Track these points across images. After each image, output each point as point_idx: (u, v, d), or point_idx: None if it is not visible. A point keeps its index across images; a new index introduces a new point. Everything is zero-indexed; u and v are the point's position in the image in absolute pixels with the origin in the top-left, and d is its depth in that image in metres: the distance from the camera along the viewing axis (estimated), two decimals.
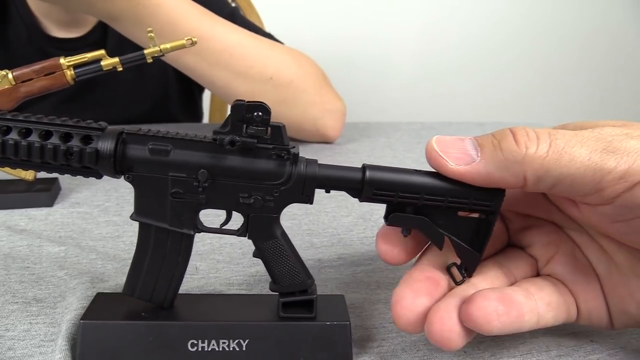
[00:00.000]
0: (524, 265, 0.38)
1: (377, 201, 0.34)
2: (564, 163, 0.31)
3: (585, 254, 0.37)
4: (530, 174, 0.31)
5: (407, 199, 0.34)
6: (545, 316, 0.35)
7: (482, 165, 0.32)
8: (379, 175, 0.34)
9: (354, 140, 0.90)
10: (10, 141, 0.32)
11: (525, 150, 0.31)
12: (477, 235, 0.35)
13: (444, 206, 0.34)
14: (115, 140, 0.33)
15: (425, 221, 0.34)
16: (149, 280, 0.36)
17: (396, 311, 0.34)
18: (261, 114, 0.32)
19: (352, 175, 0.34)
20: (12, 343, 0.37)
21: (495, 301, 0.32)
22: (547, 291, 0.35)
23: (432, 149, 0.33)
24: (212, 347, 0.34)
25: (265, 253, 0.35)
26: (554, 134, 0.31)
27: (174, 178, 0.33)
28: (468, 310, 0.32)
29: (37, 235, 0.52)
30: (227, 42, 0.76)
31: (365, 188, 0.34)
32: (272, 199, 0.34)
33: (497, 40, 2.01)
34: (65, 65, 0.57)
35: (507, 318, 0.32)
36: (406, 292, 0.34)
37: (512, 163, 0.31)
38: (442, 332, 0.32)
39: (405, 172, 0.34)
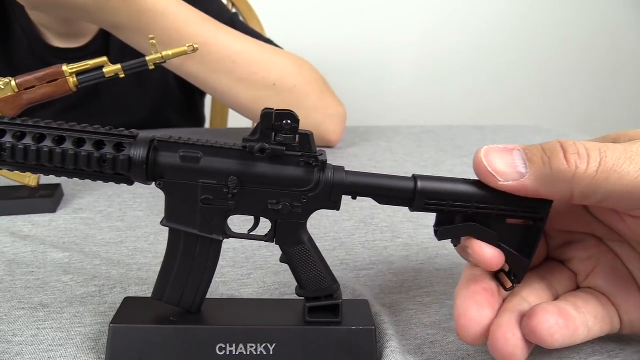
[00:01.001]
0: (565, 279, 0.38)
1: (428, 210, 0.35)
2: (613, 181, 0.31)
3: (627, 264, 0.37)
4: (578, 191, 0.32)
5: (458, 208, 0.34)
6: (593, 329, 0.35)
7: (530, 182, 0.33)
8: (431, 185, 0.35)
9: (355, 144, 0.90)
10: (45, 149, 0.33)
11: (575, 169, 0.31)
12: (525, 242, 0.35)
13: (493, 214, 0.34)
14: (147, 147, 0.33)
15: (475, 226, 0.35)
16: (177, 285, 0.36)
17: (462, 324, 0.34)
18: (290, 122, 0.33)
19: (403, 185, 0.35)
20: (20, 348, 0.37)
21: (556, 315, 0.33)
22: (592, 304, 0.36)
23: (481, 163, 0.34)
24: (240, 351, 0.35)
25: (293, 258, 0.36)
26: (604, 150, 0.32)
27: (204, 185, 0.34)
28: (531, 324, 0.33)
29: (41, 241, 0.52)
30: (230, 49, 0.77)
31: (417, 198, 0.35)
32: (300, 205, 0.35)
33: (496, 43, 2.01)
34: (67, 73, 0.57)
35: (567, 331, 0.33)
36: (470, 304, 0.34)
37: (560, 181, 0.32)
38: (506, 347, 0.33)
39: (455, 181, 0.35)
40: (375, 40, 1.89)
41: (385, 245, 0.54)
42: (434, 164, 0.80)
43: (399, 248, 0.53)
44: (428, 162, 0.82)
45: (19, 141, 0.33)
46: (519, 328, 0.33)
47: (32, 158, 0.33)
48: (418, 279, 0.47)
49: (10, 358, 0.36)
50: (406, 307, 0.43)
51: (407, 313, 0.42)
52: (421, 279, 0.47)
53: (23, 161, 0.33)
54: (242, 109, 0.83)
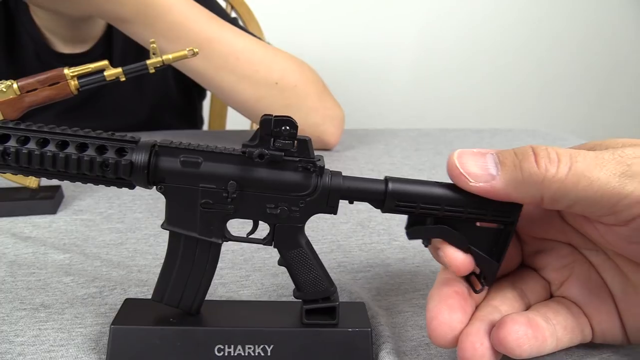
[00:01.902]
0: (538, 288, 0.39)
1: (399, 212, 0.36)
2: (582, 186, 0.31)
3: (601, 274, 0.37)
4: (548, 195, 0.32)
5: (428, 210, 0.35)
6: (562, 339, 0.36)
7: (501, 185, 0.33)
8: (401, 187, 0.35)
9: (352, 147, 0.91)
10: (48, 153, 0.33)
11: (545, 172, 0.32)
12: (495, 245, 0.36)
13: (463, 217, 0.35)
14: (148, 152, 0.34)
15: (445, 229, 0.36)
16: (177, 287, 0.37)
17: (434, 327, 0.34)
18: (289, 128, 0.33)
19: (374, 187, 0.35)
20: (22, 349, 0.38)
21: (525, 325, 0.33)
22: (563, 315, 0.36)
23: (454, 165, 0.34)
24: (238, 352, 0.36)
25: (291, 262, 0.37)
26: (575, 156, 0.32)
27: (204, 189, 0.35)
28: (500, 334, 0.33)
29: (42, 243, 0.53)
30: (234, 46, 0.77)
31: (387, 199, 0.35)
32: (298, 209, 0.35)
33: (495, 44, 2.02)
34: (69, 76, 0.58)
35: (535, 342, 0.33)
36: (442, 307, 0.35)
37: (530, 184, 0.32)
38: (474, 357, 0.33)
39: (426, 184, 0.35)
40: (373, 42, 1.90)
41: (382, 248, 0.55)
42: (431, 167, 0.81)
43: (396, 251, 0.54)
44: (425, 165, 0.82)
45: (23, 145, 0.34)
46: (488, 337, 0.34)
47: (36, 162, 0.34)
48: (414, 281, 0.48)
49: (12, 358, 0.37)
50: (402, 309, 0.44)
51: (403, 315, 0.43)
52: (417, 281, 0.48)
53: (27, 165, 0.34)
54: (243, 107, 0.83)
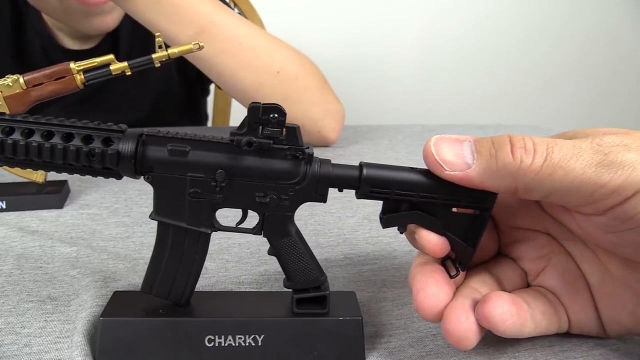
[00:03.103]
0: (515, 277, 0.39)
1: (373, 198, 0.35)
2: (557, 177, 0.31)
3: (579, 264, 0.37)
4: (522, 185, 0.32)
5: (403, 196, 0.35)
6: (540, 323, 0.36)
7: (476, 174, 0.33)
8: (375, 173, 0.35)
9: (357, 142, 0.91)
10: (33, 143, 0.33)
11: (520, 163, 0.32)
12: (470, 231, 0.36)
13: (438, 203, 0.35)
14: (135, 142, 0.34)
15: (419, 214, 0.35)
16: (166, 278, 0.37)
17: (421, 299, 0.34)
18: (277, 115, 0.33)
19: (350, 173, 0.35)
20: (29, 340, 0.38)
21: (509, 302, 0.34)
22: (540, 302, 0.36)
23: (430, 152, 0.34)
24: (228, 343, 0.36)
25: (280, 251, 0.36)
26: (551, 146, 0.32)
27: (192, 178, 0.35)
28: (485, 309, 0.33)
29: (49, 236, 0.53)
30: (237, 31, 0.77)
31: (362, 185, 0.35)
32: (287, 198, 0.35)
33: (498, 40, 2.02)
34: (75, 70, 0.58)
35: (518, 319, 0.34)
36: (428, 281, 0.35)
37: (505, 174, 0.32)
38: (459, 331, 0.33)
39: (401, 169, 0.35)
40: (375, 38, 1.90)
41: (389, 241, 0.55)
42: None
43: (402, 243, 0.54)
44: None
45: (8, 136, 0.33)
46: (473, 312, 0.34)
47: (21, 153, 0.33)
48: None
49: (19, 349, 0.37)
50: (408, 301, 0.44)
51: (409, 307, 0.43)
52: None
53: (12, 156, 0.34)
54: (243, 95, 0.82)
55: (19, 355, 0.36)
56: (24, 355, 0.36)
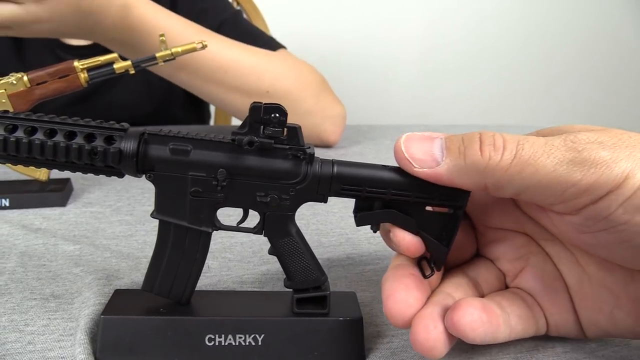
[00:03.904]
0: (492, 279, 0.38)
1: (345, 196, 0.35)
2: (527, 175, 0.31)
3: (557, 264, 0.37)
4: (490, 183, 0.32)
5: (374, 194, 0.35)
6: (516, 328, 0.35)
7: (444, 171, 0.32)
8: (346, 170, 0.35)
9: (358, 142, 0.91)
10: (36, 141, 0.33)
11: (488, 160, 0.31)
12: (445, 230, 0.35)
13: (410, 201, 0.35)
14: (137, 140, 0.34)
15: (392, 212, 0.35)
16: (167, 277, 0.37)
17: (390, 305, 0.34)
18: (278, 115, 0.33)
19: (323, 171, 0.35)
20: (32, 337, 0.38)
21: (479, 309, 0.33)
22: (517, 305, 0.36)
23: (399, 149, 0.33)
24: (228, 342, 0.36)
25: (281, 250, 0.37)
26: (522, 142, 0.31)
27: (193, 177, 0.35)
28: (454, 317, 0.32)
29: (52, 234, 0.53)
30: (221, 59, 0.78)
31: (333, 183, 0.35)
32: (288, 197, 0.35)
33: (501, 41, 2.02)
34: (79, 68, 0.58)
35: (490, 327, 0.33)
36: (398, 286, 0.34)
37: (473, 171, 0.32)
38: (427, 341, 0.32)
39: (372, 167, 0.35)
40: (379, 38, 1.90)
41: None
42: None
43: None
44: None
45: (11, 134, 0.34)
46: (442, 321, 0.33)
47: (24, 151, 0.34)
48: None
49: (22, 347, 0.37)
50: None
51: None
52: None
53: (15, 154, 0.34)
54: (237, 114, 0.85)
55: (23, 353, 0.36)
56: (27, 353, 0.36)
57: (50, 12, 0.63)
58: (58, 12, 0.63)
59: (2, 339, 0.38)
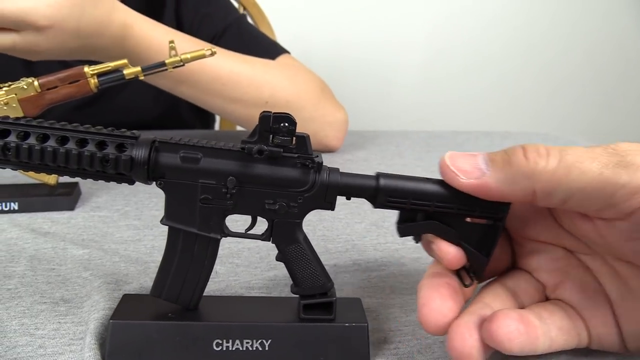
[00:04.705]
0: (531, 290, 0.38)
1: (390, 207, 0.36)
2: (574, 177, 0.31)
3: (598, 278, 0.37)
4: (540, 188, 0.32)
5: (419, 206, 0.35)
6: (557, 340, 0.35)
7: (491, 180, 0.33)
8: (392, 183, 0.36)
9: (364, 148, 0.91)
10: (48, 148, 0.34)
11: (535, 165, 0.32)
12: (485, 241, 0.36)
13: (453, 212, 0.35)
14: (148, 148, 0.35)
15: (436, 224, 0.36)
16: (176, 283, 0.37)
17: (424, 313, 0.35)
18: (287, 124, 0.34)
19: (367, 183, 0.36)
20: (43, 341, 0.38)
21: (516, 321, 0.33)
22: (558, 316, 0.36)
23: (445, 164, 0.34)
24: (236, 347, 0.36)
25: (288, 257, 0.37)
26: (564, 150, 0.32)
27: (203, 185, 0.35)
28: (491, 327, 0.33)
29: (61, 238, 0.54)
30: (219, 72, 0.78)
31: (379, 195, 0.36)
32: (296, 205, 0.36)
33: (505, 47, 2.01)
34: (89, 74, 0.59)
35: (527, 338, 0.33)
36: (433, 295, 0.35)
37: (521, 177, 0.32)
38: (463, 348, 0.33)
39: (417, 180, 0.36)
40: (382, 43, 1.90)
41: (396, 248, 0.55)
42: None
43: (410, 250, 0.54)
44: (437, 167, 0.82)
45: (23, 141, 0.34)
46: (478, 330, 0.34)
47: (36, 157, 0.34)
48: None
49: (33, 350, 0.37)
50: (416, 308, 0.43)
51: (416, 314, 0.43)
52: None
53: (27, 160, 0.34)
54: (240, 124, 0.86)
55: (34, 356, 0.37)
56: (38, 356, 0.37)
57: (49, 41, 0.63)
58: (58, 39, 0.63)
59: (13, 343, 0.38)
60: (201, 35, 0.85)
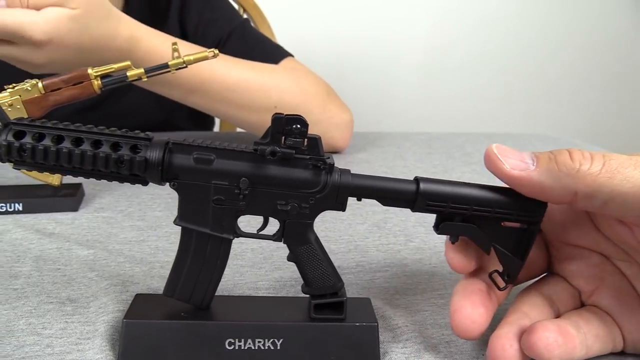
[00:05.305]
0: (567, 297, 0.39)
1: (429, 211, 0.37)
2: (616, 182, 0.32)
3: (634, 284, 0.38)
4: (582, 189, 0.33)
5: (457, 210, 0.36)
6: (592, 347, 0.36)
7: (536, 174, 0.34)
8: (432, 188, 0.36)
9: (365, 150, 0.92)
10: (64, 149, 0.34)
11: (579, 166, 0.33)
12: (519, 244, 0.37)
13: (490, 216, 0.36)
14: (162, 149, 0.35)
15: (474, 228, 0.37)
16: (188, 282, 0.38)
17: (456, 319, 0.36)
18: (299, 126, 0.35)
19: (405, 188, 0.36)
20: (50, 341, 0.39)
21: (555, 332, 0.34)
22: (594, 324, 0.37)
23: (492, 152, 0.36)
24: (248, 346, 0.36)
25: (300, 257, 0.38)
26: (608, 155, 0.33)
27: (216, 185, 0.36)
28: (530, 339, 0.34)
29: (66, 239, 0.54)
30: (227, 81, 0.79)
31: (419, 199, 0.36)
32: (308, 206, 0.36)
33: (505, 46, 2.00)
34: (92, 75, 0.59)
35: (565, 349, 0.34)
36: (464, 302, 0.36)
37: (565, 176, 0.33)
38: (504, 358, 0.34)
39: (455, 184, 0.37)
40: (381, 43, 1.90)
41: (399, 249, 0.55)
42: (444, 171, 0.82)
43: (412, 251, 0.55)
44: (438, 168, 0.83)
45: (39, 142, 0.34)
46: (517, 341, 0.35)
47: (52, 159, 0.35)
48: (432, 281, 0.49)
49: (41, 349, 0.38)
50: (421, 308, 0.44)
51: (422, 314, 0.44)
52: (435, 281, 0.49)
53: (42, 162, 0.35)
54: (249, 130, 0.87)
55: (42, 356, 0.37)
56: (46, 356, 0.37)
57: (47, 55, 0.62)
58: (57, 54, 0.62)
59: (21, 342, 0.38)
60: (206, 41, 0.85)
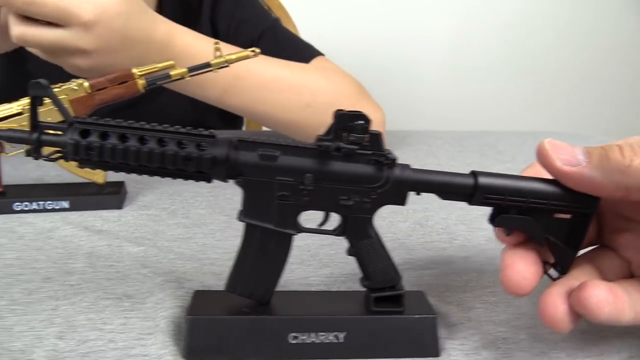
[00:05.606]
0: (616, 267, 0.40)
1: (486, 204, 0.37)
2: None
3: None
4: (633, 183, 0.34)
5: (514, 202, 0.37)
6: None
7: (587, 169, 0.35)
8: (490, 181, 0.37)
9: (397, 148, 0.91)
10: (132, 148, 0.35)
11: (630, 161, 0.34)
12: (571, 236, 0.38)
13: (545, 209, 0.37)
14: (227, 147, 0.36)
15: (530, 221, 0.37)
16: (250, 278, 0.38)
17: (507, 274, 0.37)
18: (362, 122, 0.35)
19: (462, 181, 0.37)
20: (112, 336, 0.39)
21: (606, 291, 0.35)
22: None
23: (544, 148, 0.36)
24: (311, 340, 0.37)
25: (361, 251, 0.38)
26: None
27: (281, 182, 0.36)
28: (581, 295, 0.34)
29: (115, 236, 0.55)
30: (263, 78, 0.79)
31: (477, 193, 0.37)
32: (369, 200, 0.37)
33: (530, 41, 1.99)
34: (137, 75, 0.60)
35: (614, 308, 0.35)
36: (517, 259, 0.37)
37: (616, 172, 0.34)
38: (555, 314, 0.35)
39: (511, 177, 0.37)
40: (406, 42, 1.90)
41: (444, 247, 0.55)
42: (477, 168, 0.81)
43: (458, 249, 0.55)
44: (471, 166, 0.81)
45: (105, 140, 0.35)
46: (567, 300, 0.35)
47: (119, 157, 0.35)
48: (481, 278, 0.49)
49: (104, 344, 0.38)
50: (473, 306, 0.44)
51: (475, 311, 0.44)
52: (484, 279, 0.49)
53: (109, 160, 0.35)
54: (283, 131, 0.86)
55: (106, 350, 0.38)
56: (110, 350, 0.38)
57: (97, 42, 0.61)
58: (105, 41, 0.62)
59: (84, 337, 0.39)
60: (238, 41, 0.86)
